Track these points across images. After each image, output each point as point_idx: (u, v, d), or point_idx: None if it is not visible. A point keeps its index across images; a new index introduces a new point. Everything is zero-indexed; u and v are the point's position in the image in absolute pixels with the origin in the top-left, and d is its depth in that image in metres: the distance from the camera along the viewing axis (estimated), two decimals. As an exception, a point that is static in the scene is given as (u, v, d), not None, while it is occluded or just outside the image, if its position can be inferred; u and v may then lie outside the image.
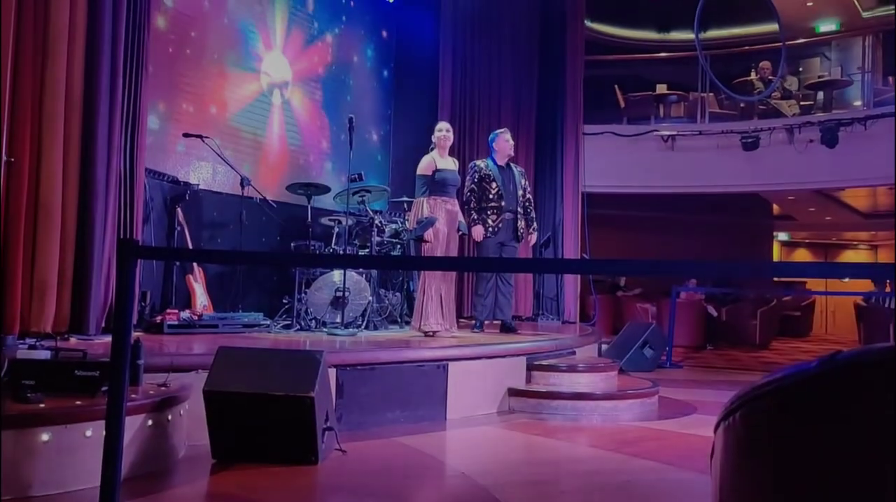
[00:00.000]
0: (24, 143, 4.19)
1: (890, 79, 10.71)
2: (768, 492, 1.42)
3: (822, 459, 1.35)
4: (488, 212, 6.56)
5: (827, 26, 12.42)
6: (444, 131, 6.26)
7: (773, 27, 10.03)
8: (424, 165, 6.16)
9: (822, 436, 1.35)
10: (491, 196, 6.58)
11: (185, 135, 6.52)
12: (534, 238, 6.91)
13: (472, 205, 6.56)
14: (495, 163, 6.71)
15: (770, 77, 10.90)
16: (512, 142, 6.84)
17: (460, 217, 6.33)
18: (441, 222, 6.04)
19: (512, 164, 6.85)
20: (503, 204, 6.60)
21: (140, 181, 5.20)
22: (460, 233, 6.33)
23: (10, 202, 4.09)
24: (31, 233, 4.27)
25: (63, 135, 4.44)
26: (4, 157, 3.98)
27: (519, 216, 6.68)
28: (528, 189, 6.91)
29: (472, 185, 6.60)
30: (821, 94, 11.19)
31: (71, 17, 4.48)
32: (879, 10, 11.92)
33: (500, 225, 6.59)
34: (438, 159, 6.17)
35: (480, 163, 6.73)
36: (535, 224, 6.90)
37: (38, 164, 4.31)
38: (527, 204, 6.79)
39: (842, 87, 11.20)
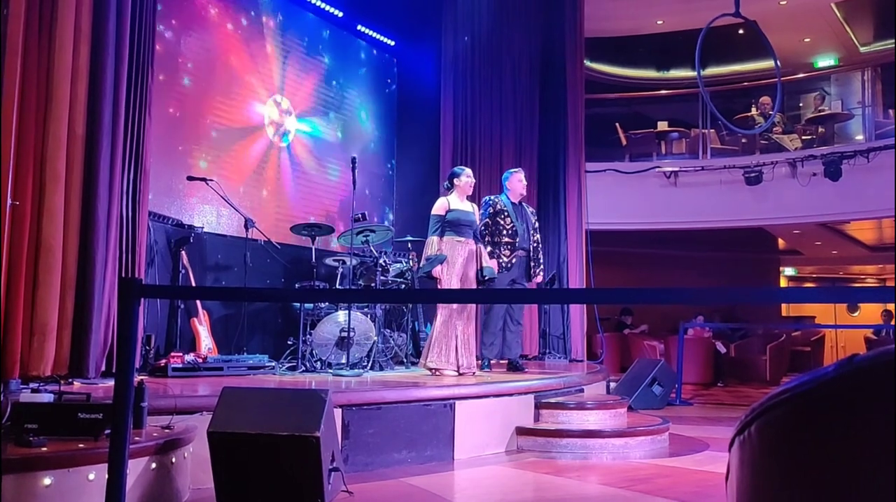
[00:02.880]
0: (27, 186, 4.21)
1: (890, 111, 10.76)
2: (788, 504, 1.38)
3: (842, 465, 1.31)
4: (502, 248, 6.56)
5: (825, 61, 12.54)
6: (471, 177, 6.28)
7: (771, 63, 10.11)
8: (438, 206, 6.14)
9: (843, 442, 1.30)
10: (505, 232, 6.58)
11: (190, 178, 6.56)
12: (539, 277, 6.88)
13: (485, 240, 6.55)
14: (509, 199, 6.73)
15: (770, 112, 10.96)
16: (525, 182, 6.85)
17: (485, 259, 6.22)
18: (455, 261, 6.01)
19: (524, 204, 6.87)
20: (517, 241, 6.60)
21: (143, 224, 5.21)
22: (486, 278, 6.23)
23: (13, 244, 4.09)
24: (32, 275, 4.26)
25: (64, 179, 4.46)
26: (9, 201, 3.98)
27: (530, 255, 6.67)
28: (537, 229, 6.91)
29: (486, 219, 6.59)
30: (822, 129, 11.23)
31: (74, 61, 4.53)
32: (877, 44, 12.05)
33: (514, 261, 6.57)
34: (454, 201, 6.17)
35: (495, 197, 6.75)
36: (541, 265, 6.86)
37: (39, 207, 4.32)
38: (535, 244, 6.78)
39: (843, 121, 11.25)
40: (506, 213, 6.62)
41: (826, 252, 15.33)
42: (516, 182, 6.77)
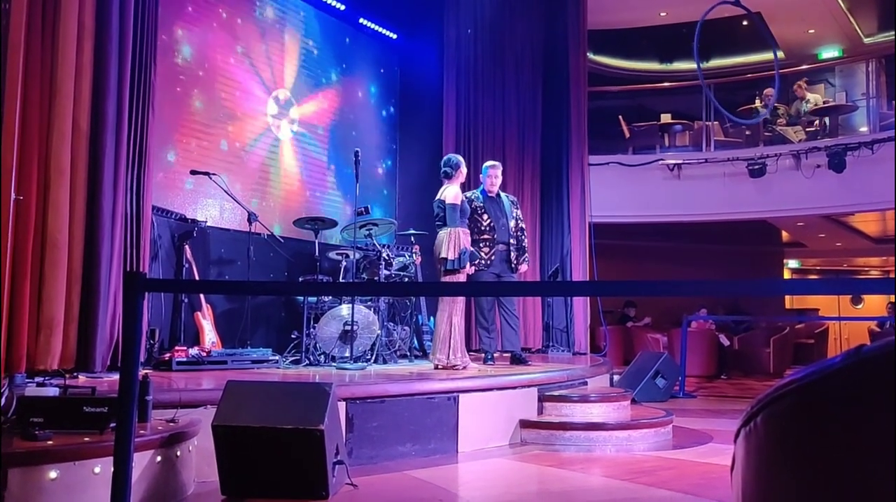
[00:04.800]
0: (32, 181, 4.21)
1: (894, 103, 10.72)
2: (793, 496, 1.38)
3: (848, 456, 1.30)
4: (480, 245, 6.51)
5: (829, 53, 12.48)
6: (465, 168, 6.24)
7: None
8: (454, 195, 6.02)
9: (849, 432, 1.30)
10: (483, 228, 6.55)
11: (193, 172, 6.56)
12: (524, 267, 6.81)
13: None
14: (485, 194, 6.69)
15: (775, 104, 10.93)
16: (496, 178, 6.73)
17: None
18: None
19: (502, 194, 6.82)
20: (495, 236, 6.57)
21: (147, 218, 5.22)
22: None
23: (18, 239, 4.10)
24: (38, 270, 4.27)
25: (69, 174, 4.47)
26: (13, 195, 3.99)
27: (511, 247, 6.64)
28: (521, 218, 6.86)
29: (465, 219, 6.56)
30: (827, 120, 11.19)
31: (77, 58, 4.53)
32: (881, 35, 11.99)
33: (493, 257, 6.55)
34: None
35: (470, 194, 6.66)
36: (526, 254, 6.81)
37: (45, 202, 4.33)
38: (519, 234, 6.74)
39: (847, 113, 11.20)
40: (482, 209, 6.59)
41: (830, 244, 15.29)
42: (487, 178, 6.72)
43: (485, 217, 6.57)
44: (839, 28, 11.93)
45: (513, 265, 6.63)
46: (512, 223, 6.68)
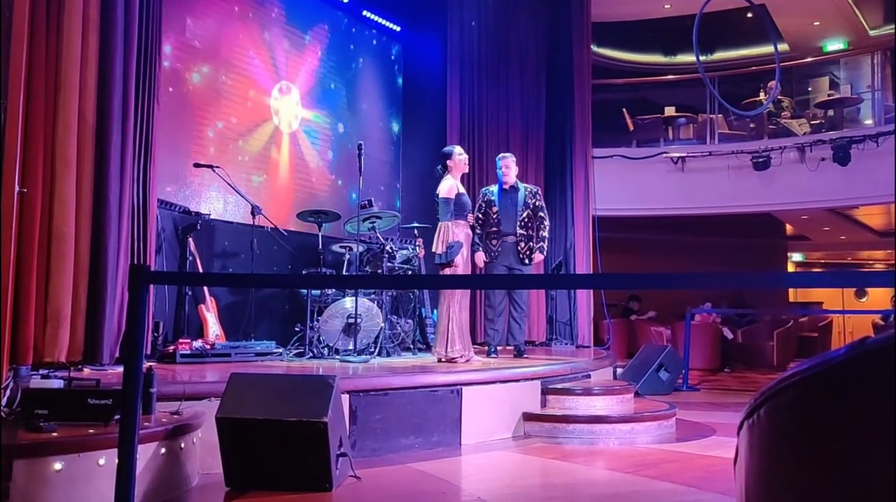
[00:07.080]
0: (37, 174, 4.21)
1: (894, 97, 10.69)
2: (797, 488, 1.38)
3: (852, 447, 1.31)
4: (490, 238, 6.55)
5: (834, 45, 12.43)
6: (464, 153, 6.21)
7: (780, 47, 10.04)
8: (447, 188, 6.02)
9: (853, 424, 1.30)
10: (492, 221, 6.58)
11: (197, 165, 6.56)
12: (538, 257, 6.74)
13: (476, 231, 6.49)
14: (501, 186, 6.70)
15: (779, 97, 10.90)
16: (506, 168, 6.70)
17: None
18: (465, 246, 6.00)
19: (521, 185, 6.78)
20: (502, 228, 6.58)
21: (152, 211, 5.23)
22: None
23: (24, 232, 4.10)
24: (45, 262, 4.28)
25: (76, 166, 4.47)
26: (17, 188, 3.99)
27: (521, 239, 6.63)
28: (542, 208, 6.75)
29: (479, 213, 6.59)
30: (832, 112, 11.16)
31: (83, 50, 4.53)
32: (886, 27, 11.94)
33: (500, 248, 6.55)
34: (458, 183, 6.14)
35: (486, 189, 6.78)
36: (541, 244, 6.70)
37: (50, 194, 4.33)
38: (538, 223, 6.69)
39: (852, 106, 11.17)
40: (493, 202, 6.60)
41: (834, 237, 15.27)
42: (499, 168, 6.74)
43: (494, 209, 6.59)
44: (844, 20, 11.88)
45: (520, 256, 6.61)
46: (525, 214, 6.63)
